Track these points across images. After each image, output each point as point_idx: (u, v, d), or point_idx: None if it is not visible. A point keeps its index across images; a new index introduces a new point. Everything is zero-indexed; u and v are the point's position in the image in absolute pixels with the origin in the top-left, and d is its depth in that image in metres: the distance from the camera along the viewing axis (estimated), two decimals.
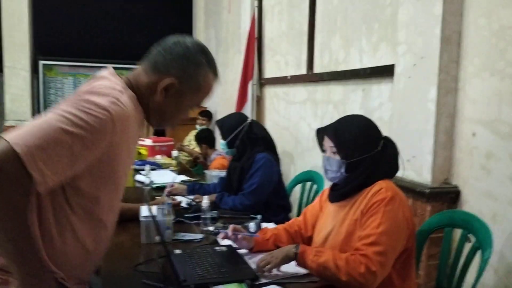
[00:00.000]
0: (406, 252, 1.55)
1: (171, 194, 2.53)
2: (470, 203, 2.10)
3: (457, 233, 1.84)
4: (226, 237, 1.76)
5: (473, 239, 1.69)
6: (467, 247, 1.74)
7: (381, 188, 1.53)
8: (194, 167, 4.80)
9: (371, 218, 1.49)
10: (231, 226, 1.76)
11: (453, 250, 1.84)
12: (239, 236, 1.73)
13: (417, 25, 2.27)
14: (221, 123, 2.61)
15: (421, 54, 2.24)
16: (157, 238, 1.81)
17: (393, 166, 1.65)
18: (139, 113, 1.25)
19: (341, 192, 1.64)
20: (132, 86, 1.24)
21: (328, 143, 1.65)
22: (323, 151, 1.71)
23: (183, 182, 2.97)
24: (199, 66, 1.25)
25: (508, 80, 1.91)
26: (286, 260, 1.52)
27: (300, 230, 1.82)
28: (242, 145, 2.51)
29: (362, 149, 1.59)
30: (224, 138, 2.56)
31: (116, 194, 1.29)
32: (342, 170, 1.60)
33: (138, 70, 1.28)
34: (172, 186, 2.63)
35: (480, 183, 2.06)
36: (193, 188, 2.68)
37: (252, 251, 1.74)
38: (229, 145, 2.54)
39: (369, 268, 1.40)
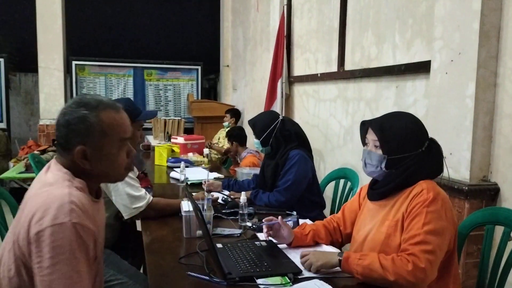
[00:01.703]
0: (449, 252, 1.53)
1: (208, 190, 2.59)
2: (510, 201, 2.06)
3: (498, 231, 1.82)
4: (269, 230, 1.77)
5: None
6: (510, 245, 1.71)
7: (423, 189, 1.50)
8: (224, 164, 4.86)
9: (415, 220, 1.47)
10: (266, 219, 1.78)
11: (494, 248, 1.82)
12: (275, 223, 1.74)
13: (454, 20, 2.24)
14: (254, 122, 2.63)
15: (459, 49, 2.22)
16: (199, 232, 1.86)
17: (436, 167, 1.61)
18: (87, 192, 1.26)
19: (380, 191, 1.62)
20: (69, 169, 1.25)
21: (371, 136, 1.63)
22: (365, 144, 1.69)
23: (216, 178, 3.02)
24: (86, 120, 1.22)
25: None
26: (328, 266, 1.50)
27: (339, 227, 1.83)
28: (276, 142, 2.53)
29: (406, 147, 1.56)
30: (258, 137, 2.59)
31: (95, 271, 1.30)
32: (383, 165, 1.58)
33: (56, 159, 1.29)
34: (208, 182, 2.69)
35: None
36: (228, 184, 2.72)
37: (291, 246, 1.76)
38: (263, 143, 2.57)
39: (417, 265, 1.38)
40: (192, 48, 8.23)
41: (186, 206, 1.89)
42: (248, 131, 3.46)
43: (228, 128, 4.93)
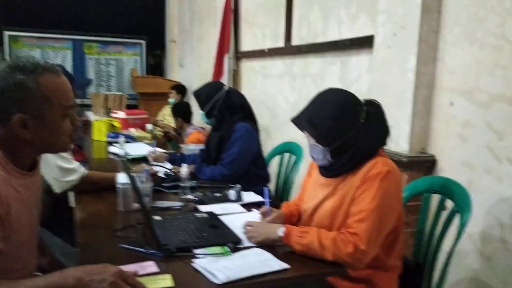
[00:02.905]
0: (395, 229, 1.51)
1: (154, 160, 2.52)
2: (447, 172, 2.13)
3: (434, 201, 1.87)
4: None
5: (450, 204, 1.72)
6: (446, 214, 1.76)
7: (378, 162, 1.46)
8: (169, 142, 4.72)
9: (365, 192, 1.43)
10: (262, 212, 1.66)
11: (430, 217, 1.87)
12: (262, 211, 1.65)
13: None
14: (198, 93, 2.54)
15: (401, 23, 2.23)
16: (136, 205, 1.77)
17: (383, 129, 1.53)
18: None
19: (334, 173, 1.55)
20: None
21: (305, 132, 1.56)
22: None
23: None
24: (24, 85, 1.10)
25: (487, 49, 1.93)
26: (270, 241, 1.46)
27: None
28: (220, 114, 2.46)
29: (343, 131, 1.47)
30: (202, 108, 2.50)
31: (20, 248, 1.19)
32: (329, 157, 1.51)
33: None
34: (153, 153, 2.61)
35: (457, 152, 2.09)
36: (174, 158, 2.64)
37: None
38: (208, 115, 2.49)
39: (358, 247, 1.35)
40: (136, 21, 7.85)
41: (122, 178, 1.79)
42: (196, 109, 3.36)
43: (174, 99, 4.79)
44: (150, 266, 1.26)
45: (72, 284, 1.05)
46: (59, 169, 1.94)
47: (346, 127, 1.47)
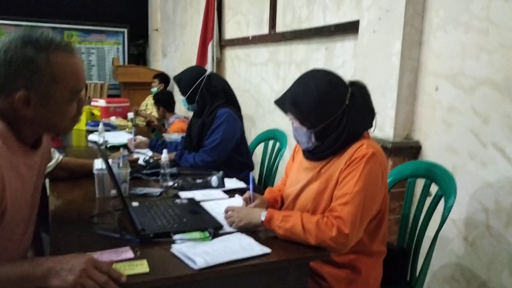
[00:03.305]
0: (380, 212, 1.48)
1: (135, 147, 2.47)
2: (431, 157, 2.11)
3: (418, 187, 1.84)
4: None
5: (435, 189, 1.70)
6: (429, 199, 1.74)
7: (363, 144, 1.41)
8: (152, 132, 4.64)
9: (350, 175, 1.38)
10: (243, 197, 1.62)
11: (414, 204, 1.84)
12: (245, 197, 1.61)
13: None
14: (179, 78, 2.47)
15: (387, 7, 2.20)
16: (113, 192, 1.70)
17: (369, 111, 1.49)
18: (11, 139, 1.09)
19: (319, 156, 1.51)
20: None
21: (289, 114, 1.50)
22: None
23: None
24: (34, 63, 1.04)
25: (472, 33, 1.90)
26: (251, 226, 1.41)
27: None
28: (202, 99, 2.40)
29: (327, 113, 1.42)
30: (183, 93, 2.44)
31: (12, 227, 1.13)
32: (313, 139, 1.47)
33: None
34: (134, 140, 2.55)
35: (441, 137, 2.07)
36: (155, 144, 2.57)
37: None
38: (189, 100, 2.42)
39: (341, 231, 1.31)
40: (118, 10, 7.68)
41: (99, 164, 1.72)
42: (178, 98, 3.29)
43: (157, 88, 4.69)
44: (126, 252, 1.20)
45: (41, 274, 1.00)
46: None
47: (330, 109, 1.42)
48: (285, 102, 1.49)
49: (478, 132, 1.90)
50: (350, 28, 2.60)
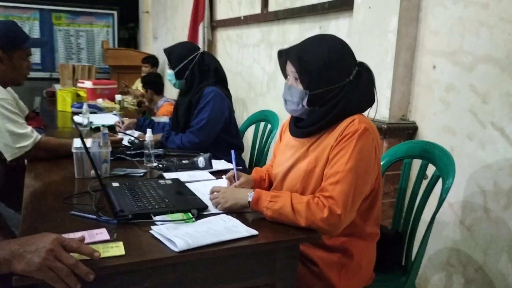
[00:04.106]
0: (373, 192, 1.40)
1: (124, 129, 2.40)
2: (428, 138, 2.03)
3: (414, 168, 1.76)
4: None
5: (432, 170, 1.62)
6: (427, 181, 1.66)
7: (354, 119, 1.33)
8: (143, 116, 4.53)
9: (340, 153, 1.29)
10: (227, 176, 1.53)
11: (410, 188, 1.76)
12: (228, 175, 1.53)
13: None
14: (170, 50, 2.35)
15: None
16: (93, 172, 1.61)
17: (368, 98, 1.40)
18: None
19: (306, 131, 1.42)
20: None
21: (290, 67, 1.39)
22: (286, 77, 1.47)
23: None
24: None
25: (472, 8, 1.81)
26: (237, 207, 1.33)
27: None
28: (191, 76, 2.28)
29: (329, 79, 1.33)
30: (172, 67, 2.31)
31: None
32: (304, 102, 1.37)
33: None
34: (122, 122, 2.45)
35: (439, 117, 1.99)
36: (143, 124, 2.47)
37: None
38: (178, 75, 2.31)
39: (333, 212, 1.23)
40: None
41: (77, 143, 1.62)
42: (167, 81, 3.18)
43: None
44: (101, 233, 1.12)
45: (4, 257, 0.91)
46: (10, 134, 1.76)
47: (334, 77, 1.34)
48: (290, 53, 1.39)
49: (477, 112, 1.82)
50: (344, 5, 2.50)
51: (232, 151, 1.53)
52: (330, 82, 1.34)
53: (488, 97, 1.77)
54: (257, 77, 3.65)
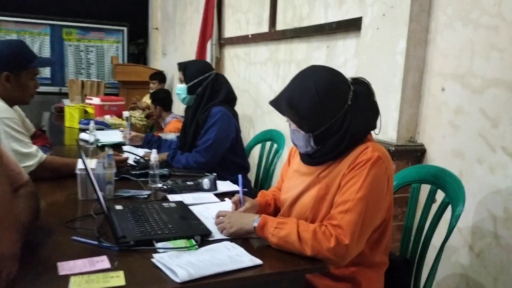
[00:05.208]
0: (384, 222, 1.36)
1: (130, 141, 2.43)
2: (436, 162, 2.00)
3: (423, 193, 1.73)
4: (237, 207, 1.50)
5: (441, 195, 1.58)
6: (434, 206, 1.62)
7: (368, 147, 1.29)
8: (150, 131, 4.53)
9: (352, 180, 1.26)
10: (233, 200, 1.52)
11: (419, 211, 1.72)
12: (233, 199, 1.51)
13: None
14: (186, 65, 2.37)
15: (391, 3, 2.09)
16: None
17: (373, 111, 1.37)
18: None
19: (318, 161, 1.39)
20: None
21: (286, 116, 1.37)
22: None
23: None
24: None
25: (482, 30, 1.79)
26: (243, 233, 1.31)
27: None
28: (202, 93, 2.30)
29: (327, 114, 1.29)
30: (186, 81, 2.32)
31: None
32: (311, 143, 1.34)
33: None
34: (129, 133, 2.45)
35: (447, 140, 1.96)
36: (150, 139, 2.47)
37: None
38: (190, 90, 2.31)
39: (340, 242, 1.20)
40: (118, 8, 7.59)
41: (82, 163, 1.61)
42: (176, 97, 3.18)
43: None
44: (102, 261, 1.10)
45: None
46: (15, 153, 1.76)
47: (331, 111, 1.29)
48: (281, 103, 1.35)
49: (487, 136, 1.78)
50: (352, 25, 2.49)
51: (240, 176, 1.51)
52: (329, 116, 1.30)
53: (498, 121, 1.74)
54: (264, 95, 3.65)
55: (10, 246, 0.98)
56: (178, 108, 4.88)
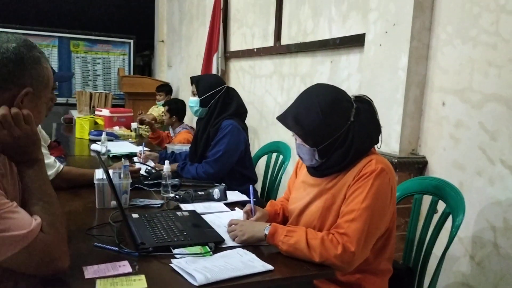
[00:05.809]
0: (387, 231, 1.44)
1: (144, 159, 2.47)
2: (437, 173, 2.08)
3: (424, 203, 1.80)
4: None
5: (442, 206, 1.66)
6: (436, 217, 1.69)
7: (372, 160, 1.37)
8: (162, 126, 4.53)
9: (358, 191, 1.34)
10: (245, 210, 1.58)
11: (421, 221, 1.79)
12: (245, 209, 1.58)
13: None
14: (198, 78, 2.46)
15: (393, 20, 2.18)
16: (113, 203, 1.67)
17: (375, 127, 1.44)
18: None
19: (325, 173, 1.46)
20: None
21: (293, 131, 1.46)
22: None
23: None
24: (40, 62, 1.09)
25: (481, 48, 1.88)
26: (254, 240, 1.38)
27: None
28: (215, 106, 2.39)
29: (331, 129, 1.38)
30: (199, 95, 2.40)
31: None
32: (316, 157, 1.42)
33: None
34: (144, 152, 2.51)
35: (448, 153, 2.03)
36: (165, 157, 2.55)
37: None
38: (203, 103, 2.40)
39: (347, 249, 1.27)
40: (124, 21, 7.75)
41: (99, 174, 1.69)
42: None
43: (163, 101, 4.63)
44: (124, 266, 1.17)
45: None
46: None
47: (334, 127, 1.38)
48: (287, 119, 1.44)
49: (486, 149, 1.86)
50: (356, 41, 2.59)
51: (251, 186, 1.59)
52: (333, 131, 1.38)
53: (497, 135, 1.82)
54: (269, 107, 3.73)
55: (68, 261, 1.06)
56: (188, 118, 4.96)
